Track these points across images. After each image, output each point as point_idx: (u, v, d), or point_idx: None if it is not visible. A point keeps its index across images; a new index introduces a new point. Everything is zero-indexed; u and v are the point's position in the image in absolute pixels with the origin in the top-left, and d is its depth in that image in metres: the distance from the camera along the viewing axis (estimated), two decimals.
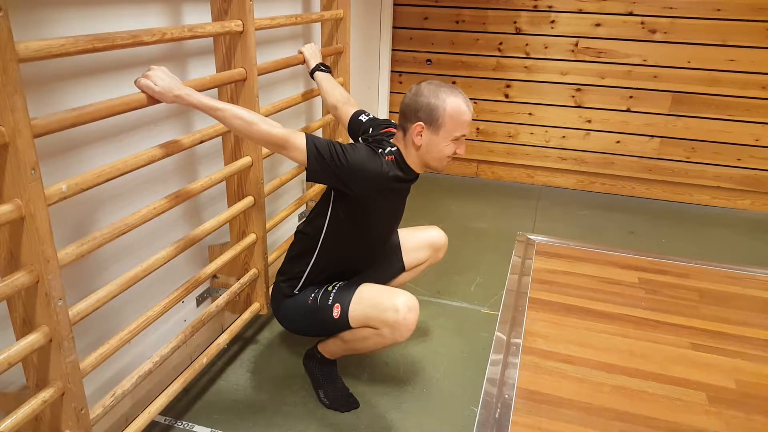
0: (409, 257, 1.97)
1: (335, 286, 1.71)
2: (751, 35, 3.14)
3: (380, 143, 1.65)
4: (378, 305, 1.60)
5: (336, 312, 1.64)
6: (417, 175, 1.68)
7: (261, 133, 1.46)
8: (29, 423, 1.21)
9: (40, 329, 1.12)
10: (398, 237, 1.97)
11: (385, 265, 1.95)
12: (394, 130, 1.77)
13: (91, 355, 1.29)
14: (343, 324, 1.65)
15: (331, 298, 1.67)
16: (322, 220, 1.70)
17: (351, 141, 1.94)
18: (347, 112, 1.94)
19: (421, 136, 1.58)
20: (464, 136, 1.60)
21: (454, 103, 1.55)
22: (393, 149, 1.63)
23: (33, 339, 1.10)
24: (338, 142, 1.53)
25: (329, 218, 1.68)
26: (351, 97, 2.04)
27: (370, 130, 1.81)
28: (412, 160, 1.64)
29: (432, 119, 1.56)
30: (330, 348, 1.81)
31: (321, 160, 1.49)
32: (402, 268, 1.98)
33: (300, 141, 1.49)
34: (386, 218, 1.77)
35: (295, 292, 1.76)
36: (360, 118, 1.89)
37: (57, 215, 1.31)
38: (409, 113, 1.59)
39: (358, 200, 1.61)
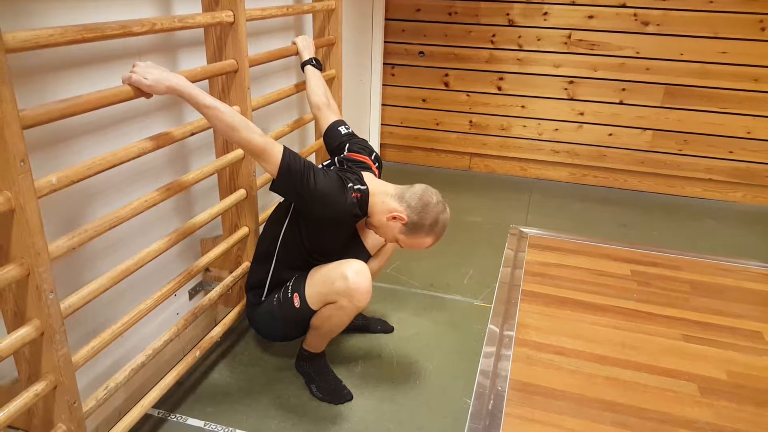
0: (370, 241, 1.95)
1: (291, 280, 1.74)
2: (743, 27, 3.14)
3: (352, 175, 1.68)
4: (328, 280, 1.63)
5: (296, 301, 1.67)
6: (367, 215, 1.71)
7: (240, 140, 1.46)
8: (22, 416, 1.20)
9: (32, 322, 1.11)
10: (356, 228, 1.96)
11: (349, 257, 1.93)
12: (368, 160, 1.80)
13: (84, 348, 1.28)
14: (306, 310, 1.67)
15: (289, 291, 1.70)
16: (279, 228, 1.74)
17: (324, 143, 1.97)
18: (327, 118, 1.98)
19: (395, 220, 1.64)
20: (400, 246, 1.73)
21: (427, 242, 1.68)
22: (362, 188, 1.66)
23: (24, 332, 1.10)
24: (312, 165, 1.56)
25: (285, 227, 1.72)
26: (334, 103, 2.06)
27: (346, 146, 1.85)
28: (372, 210, 1.67)
29: (411, 229, 1.65)
30: (310, 341, 1.83)
31: (289, 178, 1.51)
32: (367, 255, 1.95)
33: (276, 154, 1.50)
34: (337, 238, 1.80)
35: (262, 299, 1.78)
36: (339, 129, 1.93)
37: (47, 208, 1.30)
38: (412, 205, 1.63)
39: (314, 219, 1.66)
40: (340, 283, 1.60)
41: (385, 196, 1.66)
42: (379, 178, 1.80)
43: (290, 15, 2.11)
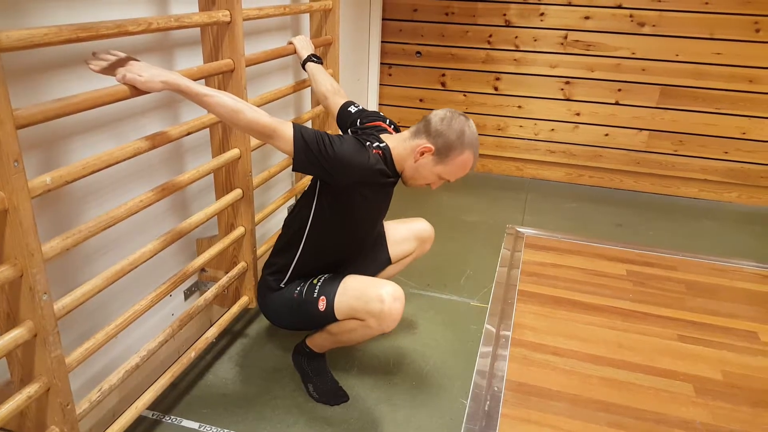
0: (395, 249, 1.97)
1: (320, 278, 1.70)
2: (739, 29, 3.15)
3: (369, 137, 1.64)
4: (363, 296, 1.59)
5: (322, 305, 1.64)
6: (399, 176, 1.68)
7: (247, 122, 1.44)
8: (14, 419, 1.19)
9: (25, 324, 1.10)
10: (384, 229, 1.97)
11: (371, 257, 1.94)
12: (383, 124, 1.76)
13: (77, 350, 1.27)
14: (329, 316, 1.64)
15: (316, 290, 1.66)
16: (308, 211, 1.69)
17: (339, 132, 1.93)
18: (336, 103, 1.94)
19: (423, 155, 1.60)
20: (448, 181, 1.67)
21: (468, 157, 1.61)
22: (381, 144, 1.62)
23: (17, 334, 1.09)
24: (326, 133, 1.52)
25: (314, 210, 1.67)
26: (341, 88, 2.02)
27: (358, 121, 1.81)
28: (399, 162, 1.64)
29: (443, 153, 1.59)
30: (318, 341, 1.80)
31: (307, 151, 1.48)
32: (388, 261, 1.97)
33: (287, 131, 1.47)
34: (371, 212, 1.75)
35: (281, 285, 1.75)
36: (349, 109, 1.88)
37: (41, 208, 1.29)
38: (431, 130, 1.59)
39: (343, 192, 1.60)
40: (375, 305, 1.56)
41: (403, 142, 1.63)
42: None
43: (287, 15, 2.10)
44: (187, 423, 1.71)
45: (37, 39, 1.04)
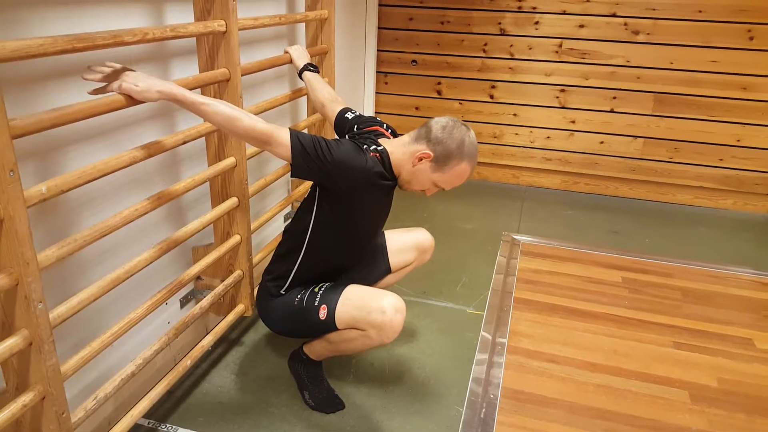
0: (395, 259, 1.97)
1: (322, 287, 1.70)
2: (732, 37, 3.18)
3: (366, 140, 1.65)
4: (364, 307, 1.59)
5: (322, 313, 1.64)
6: (396, 180, 1.69)
7: (244, 129, 1.44)
8: (9, 427, 1.19)
9: (20, 332, 1.11)
10: (384, 238, 1.97)
11: (370, 266, 1.95)
12: (380, 129, 1.77)
13: (73, 358, 1.27)
14: (330, 325, 1.64)
15: (317, 299, 1.66)
16: (308, 217, 1.69)
17: (337, 137, 1.94)
18: (334, 110, 1.94)
19: (421, 161, 1.61)
20: (443, 189, 1.68)
21: (465, 167, 1.62)
22: (379, 148, 1.63)
23: (12, 342, 1.09)
24: (323, 138, 1.53)
25: (315, 215, 1.67)
26: (338, 96, 2.03)
27: (356, 127, 1.82)
28: (397, 166, 1.64)
29: (442, 161, 1.60)
30: (316, 349, 1.80)
31: (305, 156, 1.49)
32: (388, 270, 1.97)
33: (284, 137, 1.48)
34: (371, 216, 1.76)
35: (282, 292, 1.75)
36: (346, 115, 1.89)
37: (37, 217, 1.29)
38: (432, 137, 1.60)
39: (342, 196, 1.61)
40: (377, 315, 1.57)
41: (403, 146, 1.64)
42: None
43: (283, 24, 2.11)
44: (182, 431, 1.71)
45: (33, 49, 1.05)
